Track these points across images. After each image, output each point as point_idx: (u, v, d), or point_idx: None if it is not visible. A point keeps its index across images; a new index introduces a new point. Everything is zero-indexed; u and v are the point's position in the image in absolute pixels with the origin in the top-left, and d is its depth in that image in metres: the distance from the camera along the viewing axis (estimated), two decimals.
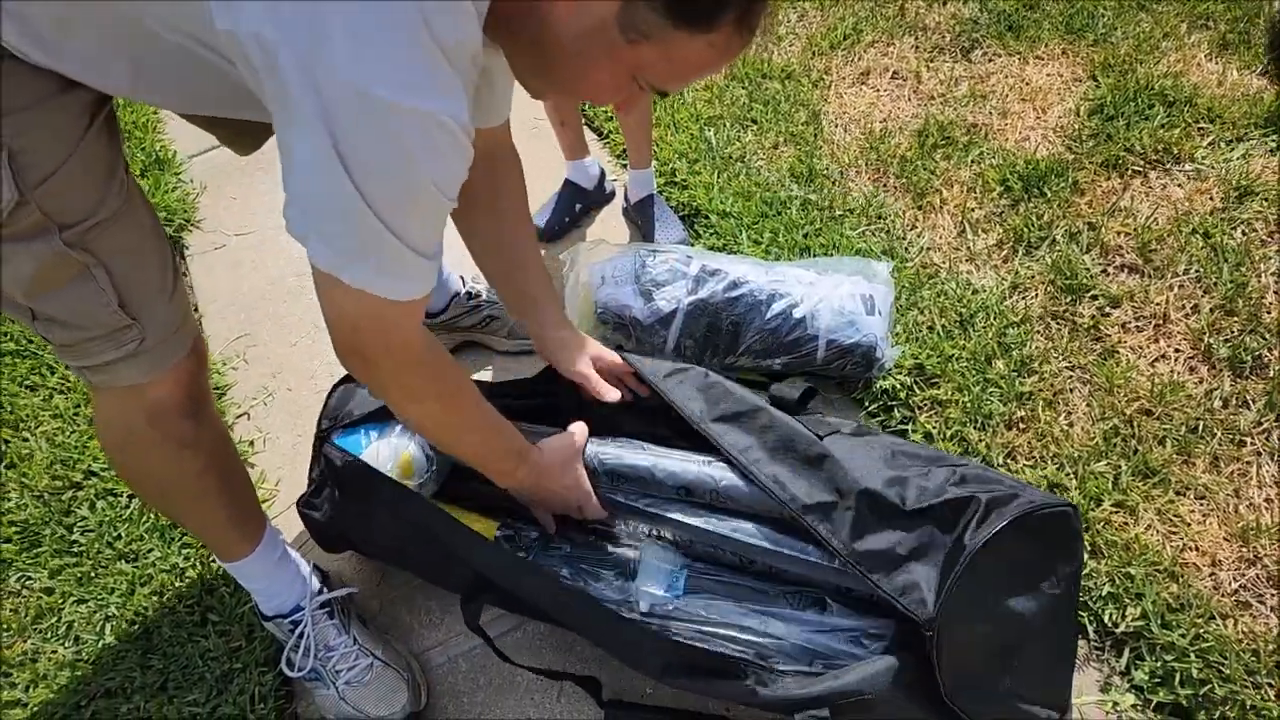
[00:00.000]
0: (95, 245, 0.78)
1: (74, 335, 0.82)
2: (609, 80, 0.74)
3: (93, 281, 0.79)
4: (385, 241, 0.69)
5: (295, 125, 0.63)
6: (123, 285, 0.81)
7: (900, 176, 1.73)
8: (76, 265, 0.77)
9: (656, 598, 1.03)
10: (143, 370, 0.86)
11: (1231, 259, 1.45)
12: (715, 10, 0.67)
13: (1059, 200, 1.62)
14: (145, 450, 0.93)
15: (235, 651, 1.15)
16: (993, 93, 1.90)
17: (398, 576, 1.24)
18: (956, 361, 1.38)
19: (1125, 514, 1.18)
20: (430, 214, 0.72)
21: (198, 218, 1.87)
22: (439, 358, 0.87)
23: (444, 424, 0.93)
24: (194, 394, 0.92)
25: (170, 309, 0.87)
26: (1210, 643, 1.04)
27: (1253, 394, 1.29)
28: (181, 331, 0.89)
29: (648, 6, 0.66)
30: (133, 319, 0.83)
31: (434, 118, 0.64)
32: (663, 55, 0.70)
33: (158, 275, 0.86)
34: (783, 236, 1.61)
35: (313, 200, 0.68)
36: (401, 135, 0.63)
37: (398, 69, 0.61)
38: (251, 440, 1.43)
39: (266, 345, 1.60)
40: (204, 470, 0.97)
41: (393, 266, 0.71)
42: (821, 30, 2.15)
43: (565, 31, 0.69)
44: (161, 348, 0.87)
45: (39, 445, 1.42)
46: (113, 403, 0.90)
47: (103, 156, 0.78)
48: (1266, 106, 1.70)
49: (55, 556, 1.28)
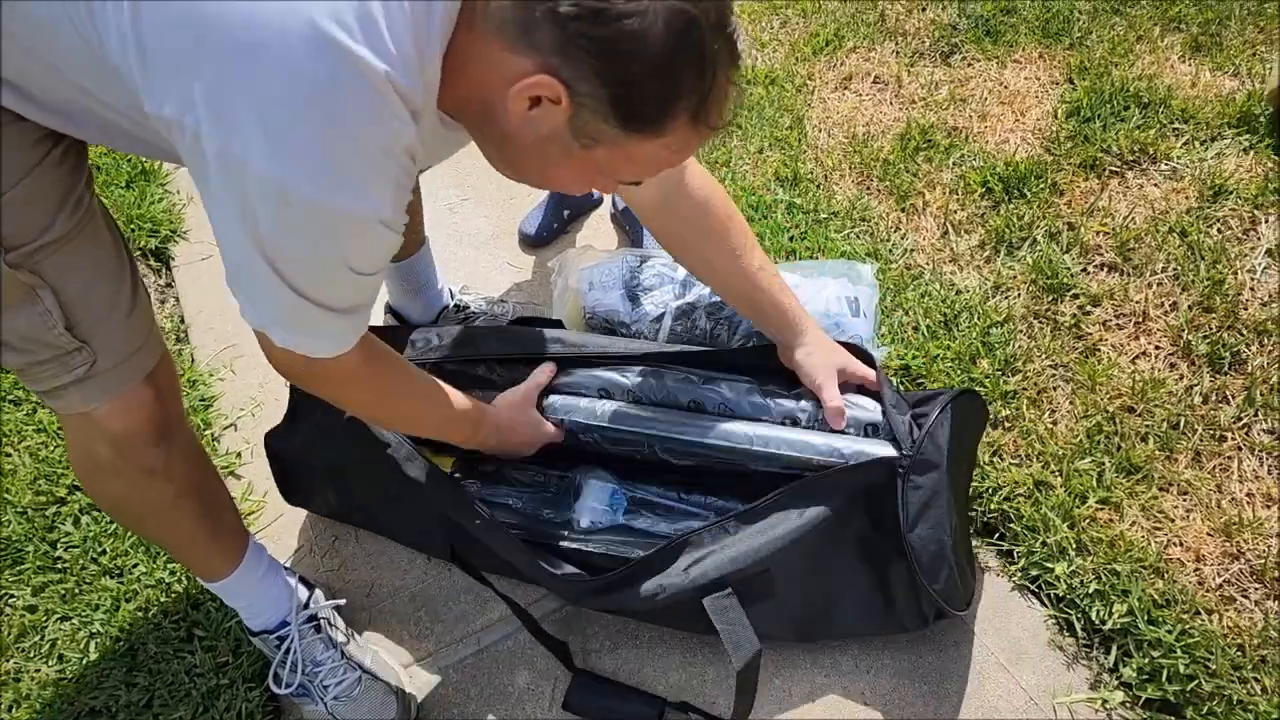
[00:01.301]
0: (42, 266, 0.75)
1: (22, 359, 0.79)
2: (574, 177, 0.74)
3: (39, 303, 0.76)
4: (305, 310, 0.71)
5: (210, 197, 0.65)
6: (71, 307, 0.78)
7: (883, 179, 1.75)
8: (21, 287, 0.75)
9: (596, 514, 1.11)
10: (93, 395, 0.83)
11: (1208, 257, 1.47)
12: (662, 116, 0.66)
13: (1039, 201, 1.63)
14: (111, 478, 0.91)
15: (222, 667, 1.14)
16: (972, 96, 1.92)
17: (386, 588, 1.23)
18: (941, 361, 1.39)
19: (1110, 510, 1.19)
20: (348, 287, 0.73)
21: (184, 228, 1.86)
22: (380, 358, 0.88)
23: (396, 417, 1.00)
24: (159, 421, 0.89)
25: (127, 330, 0.84)
26: (1196, 638, 1.05)
27: (1232, 389, 1.30)
28: (140, 354, 0.86)
29: (596, 116, 0.65)
30: (82, 342, 0.80)
31: (352, 218, 0.64)
32: (619, 156, 0.69)
33: (111, 296, 0.83)
34: (769, 240, 1.62)
35: (234, 264, 0.69)
36: (318, 231, 0.65)
37: (315, 165, 0.61)
38: (239, 452, 1.42)
39: (254, 356, 1.59)
40: (177, 497, 0.95)
41: (315, 328, 0.74)
42: (804, 36, 2.17)
43: (520, 137, 0.68)
44: (115, 372, 0.84)
45: (22, 460, 1.40)
46: (77, 430, 0.88)
47: (60, 182, 0.76)
48: (1238, 106, 1.73)
49: (39, 573, 1.26)
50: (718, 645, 1.11)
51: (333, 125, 0.59)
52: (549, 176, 0.76)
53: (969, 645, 1.11)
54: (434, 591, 1.21)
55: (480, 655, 1.15)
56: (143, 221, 1.81)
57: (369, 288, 0.76)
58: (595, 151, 0.68)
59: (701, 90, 0.66)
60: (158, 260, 1.80)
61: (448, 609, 1.20)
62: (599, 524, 1.12)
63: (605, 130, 0.66)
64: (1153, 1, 2.07)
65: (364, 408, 0.95)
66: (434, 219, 1.83)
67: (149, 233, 1.80)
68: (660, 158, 0.71)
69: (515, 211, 1.80)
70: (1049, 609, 1.13)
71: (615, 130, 0.66)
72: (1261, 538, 1.14)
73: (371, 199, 0.65)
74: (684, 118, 0.67)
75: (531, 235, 1.72)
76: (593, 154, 0.68)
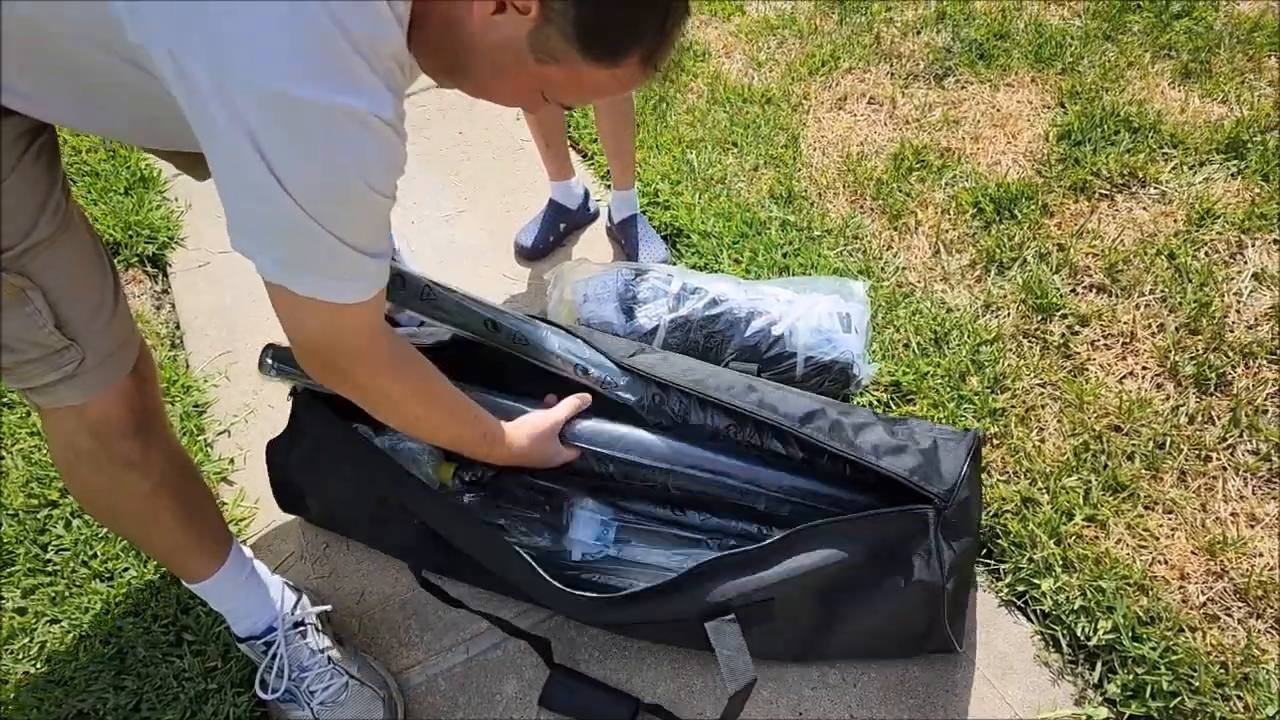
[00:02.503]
0: (30, 268, 0.76)
1: (12, 358, 0.80)
2: (514, 90, 0.76)
3: (29, 304, 0.77)
4: (324, 244, 0.68)
5: (216, 139, 0.63)
6: (60, 307, 0.79)
7: (876, 198, 1.77)
8: (11, 289, 0.76)
9: (588, 546, 1.11)
10: (83, 390, 0.85)
11: (1195, 279, 1.49)
12: (622, 49, 0.69)
13: (1029, 222, 1.66)
14: (90, 471, 0.92)
15: (210, 672, 1.14)
16: (965, 118, 1.95)
17: (376, 595, 1.24)
18: (931, 378, 1.40)
19: (1096, 528, 1.20)
20: (366, 213, 0.71)
21: (181, 235, 1.87)
22: (408, 357, 0.87)
23: (423, 421, 0.97)
24: (138, 412, 0.90)
25: (111, 328, 0.86)
26: (1180, 655, 1.06)
27: (1217, 410, 1.32)
28: (124, 350, 0.88)
29: (560, 34, 0.67)
30: (70, 340, 0.81)
31: (354, 114, 0.63)
32: (569, 78, 0.72)
33: (97, 295, 0.84)
34: (762, 256, 1.64)
35: (248, 213, 0.67)
36: (322, 134, 0.62)
37: (310, 65, 0.60)
38: (231, 458, 1.43)
39: (249, 362, 1.60)
40: (154, 491, 0.95)
41: (337, 269, 0.71)
42: (800, 57, 2.20)
43: (478, 41, 0.70)
44: (102, 368, 0.85)
45: (15, 463, 1.40)
46: (57, 422, 0.89)
47: (40, 180, 0.77)
48: (1227, 132, 1.76)
49: (29, 576, 1.26)
50: (707, 658, 1.12)
51: (323, 28, 0.59)
52: (488, 86, 0.76)
53: (956, 660, 1.12)
54: (424, 599, 1.21)
55: (469, 663, 1.16)
56: (140, 228, 1.82)
57: (382, 217, 0.73)
58: (548, 69, 0.70)
59: (660, 33, 0.70)
60: (154, 267, 1.81)
61: (437, 617, 1.20)
62: (590, 556, 1.12)
63: (564, 50, 0.68)
64: (1144, 29, 2.11)
65: (386, 406, 0.92)
66: (430, 231, 1.85)
67: (146, 239, 1.81)
68: (605, 88, 0.74)
69: (511, 224, 1.82)
70: (1035, 624, 1.14)
71: (574, 52, 0.68)
72: (1245, 557, 1.15)
73: (368, 94, 0.63)
74: (638, 55, 0.70)
75: (527, 248, 1.74)
76: (544, 70, 0.70)
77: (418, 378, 0.92)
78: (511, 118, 2.12)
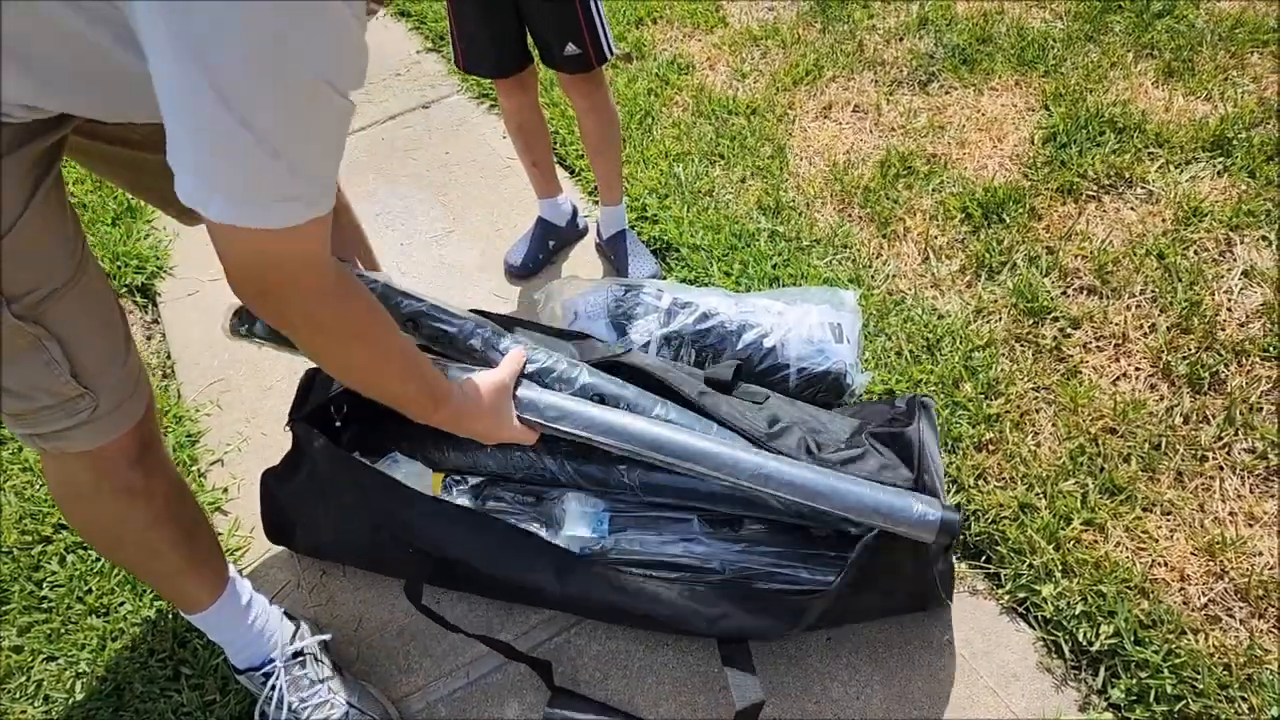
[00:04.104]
0: (46, 317, 0.76)
1: (25, 405, 0.80)
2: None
3: (45, 353, 0.77)
4: (267, 164, 0.61)
5: (158, 54, 0.57)
6: (76, 355, 0.79)
7: (864, 206, 1.77)
8: (28, 337, 0.75)
9: (585, 540, 1.12)
10: (93, 437, 0.85)
11: (1185, 278, 1.50)
12: None
13: (1018, 226, 1.66)
14: (93, 502, 0.91)
15: (209, 706, 1.13)
16: (950, 123, 1.96)
17: (374, 621, 1.23)
18: (925, 385, 1.40)
19: (1094, 532, 1.20)
20: (318, 115, 0.63)
21: (170, 264, 1.87)
22: (350, 289, 0.81)
23: (354, 364, 0.87)
24: (141, 439, 0.90)
25: (124, 373, 0.85)
26: (1183, 658, 1.06)
27: (1212, 410, 1.32)
28: (136, 394, 0.88)
29: None
30: (86, 388, 0.81)
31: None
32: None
33: (111, 342, 0.84)
34: (752, 268, 1.64)
35: (194, 141, 0.60)
36: (279, 20, 0.56)
37: None
38: (225, 487, 1.42)
39: (240, 390, 1.60)
40: (155, 520, 0.95)
41: (286, 188, 0.64)
42: (784, 67, 2.21)
43: None
44: (115, 414, 0.85)
45: (8, 499, 1.40)
46: (59, 461, 0.88)
47: (51, 222, 0.76)
48: (1212, 130, 1.77)
49: (24, 613, 1.25)
50: (710, 675, 1.12)
51: None
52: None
53: (958, 670, 1.11)
54: (422, 625, 1.21)
55: (470, 688, 1.15)
56: (129, 258, 1.82)
57: (336, 120, 0.66)
58: None
59: None
60: (144, 296, 1.81)
61: (436, 642, 1.19)
62: (588, 550, 1.13)
63: None
64: (1125, 29, 2.12)
65: (321, 341, 0.83)
66: (421, 250, 1.85)
67: (135, 269, 1.81)
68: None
69: (501, 243, 1.82)
70: (1037, 631, 1.13)
71: None
72: (1245, 556, 1.15)
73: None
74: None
75: (517, 266, 1.74)
76: None
77: (365, 314, 0.84)
78: (498, 137, 2.12)
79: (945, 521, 0.98)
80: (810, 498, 1.00)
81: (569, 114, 2.05)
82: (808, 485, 1.01)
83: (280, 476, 1.22)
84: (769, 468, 1.01)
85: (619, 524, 1.16)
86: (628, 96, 2.17)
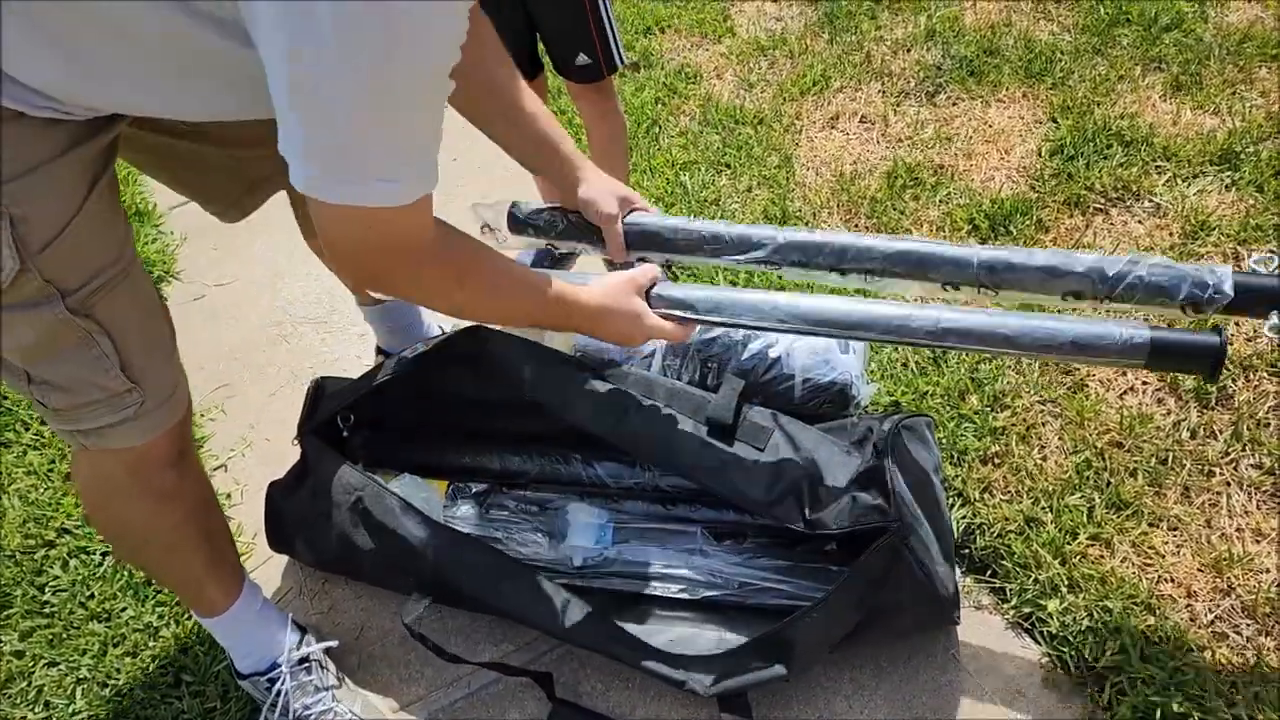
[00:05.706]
0: (98, 311, 0.77)
1: (71, 399, 0.80)
2: None
3: (95, 347, 0.78)
4: (384, 144, 0.64)
5: (271, 44, 0.58)
6: (125, 350, 0.80)
7: (871, 217, 1.77)
8: (79, 331, 0.76)
9: (588, 550, 1.12)
10: (140, 433, 0.85)
11: None
12: None
13: (1024, 238, 1.66)
14: (126, 503, 0.92)
15: (210, 713, 1.13)
16: (957, 135, 1.96)
17: (376, 630, 1.23)
18: (931, 398, 1.40)
19: (1100, 547, 1.19)
20: (437, 96, 0.66)
21: (177, 269, 1.87)
22: (453, 248, 0.83)
23: (479, 306, 0.92)
24: (178, 440, 0.91)
25: (169, 368, 0.86)
26: (1190, 675, 1.05)
27: (1219, 425, 1.31)
28: (178, 393, 0.88)
29: None
30: (134, 383, 0.81)
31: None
32: None
33: (158, 337, 0.85)
34: (756, 278, 1.64)
35: (307, 129, 0.62)
36: (388, 13, 0.57)
37: None
38: (229, 493, 1.42)
39: (245, 396, 1.60)
40: (183, 521, 0.96)
41: (401, 167, 0.66)
42: (792, 77, 2.22)
43: None
44: (159, 411, 0.86)
45: (12, 503, 1.40)
46: (95, 459, 0.89)
47: (105, 220, 0.77)
48: (1219, 144, 1.76)
49: (26, 618, 1.25)
50: None
51: None
52: None
53: (964, 686, 1.10)
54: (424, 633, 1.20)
55: (471, 698, 1.14)
56: None
57: (441, 99, 0.67)
58: None
59: None
60: None
61: None
62: (591, 560, 1.13)
63: None
64: (1133, 42, 2.12)
65: (440, 295, 0.87)
66: None
67: None
68: None
69: (507, 254, 1.82)
70: (1043, 646, 1.12)
71: None
72: (1252, 573, 1.14)
73: None
74: None
75: None
76: None
77: (469, 257, 0.87)
78: None
79: (1156, 341, 0.88)
80: (1000, 345, 0.95)
81: (577, 121, 2.06)
82: (996, 332, 0.95)
83: (285, 489, 1.22)
84: (945, 320, 0.96)
85: (622, 535, 1.16)
86: (635, 105, 2.17)
